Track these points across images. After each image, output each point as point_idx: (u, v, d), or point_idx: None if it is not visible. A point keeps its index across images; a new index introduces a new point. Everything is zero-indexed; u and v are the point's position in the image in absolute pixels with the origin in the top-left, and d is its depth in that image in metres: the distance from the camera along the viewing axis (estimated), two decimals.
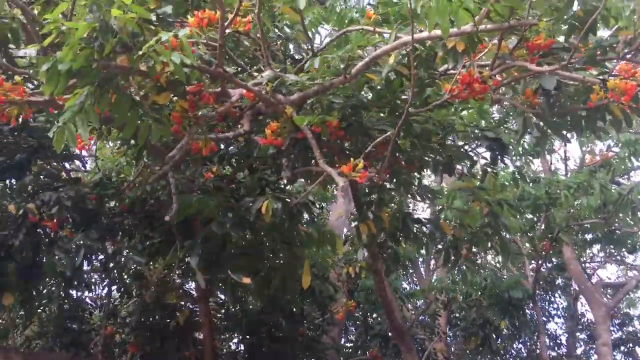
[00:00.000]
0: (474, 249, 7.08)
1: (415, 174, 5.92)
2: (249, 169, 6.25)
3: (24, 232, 5.75)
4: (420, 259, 14.81)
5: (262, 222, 4.83)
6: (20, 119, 4.36)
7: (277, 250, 5.70)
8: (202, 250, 4.88)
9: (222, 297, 8.75)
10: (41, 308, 7.75)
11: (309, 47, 5.79)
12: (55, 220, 5.80)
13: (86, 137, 3.74)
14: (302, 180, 6.33)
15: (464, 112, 6.56)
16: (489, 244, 6.60)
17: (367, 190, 6.29)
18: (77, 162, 7.66)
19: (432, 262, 15.52)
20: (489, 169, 6.30)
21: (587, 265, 17.49)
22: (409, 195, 6.40)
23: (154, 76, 3.76)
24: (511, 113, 8.70)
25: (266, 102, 4.42)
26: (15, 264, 5.94)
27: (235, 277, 4.77)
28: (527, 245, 12.96)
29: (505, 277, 12.94)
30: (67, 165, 7.25)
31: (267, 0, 5.25)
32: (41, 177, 6.46)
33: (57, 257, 5.65)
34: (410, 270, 15.09)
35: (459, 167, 6.52)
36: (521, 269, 13.77)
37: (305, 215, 6.24)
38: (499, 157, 6.07)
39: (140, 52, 3.42)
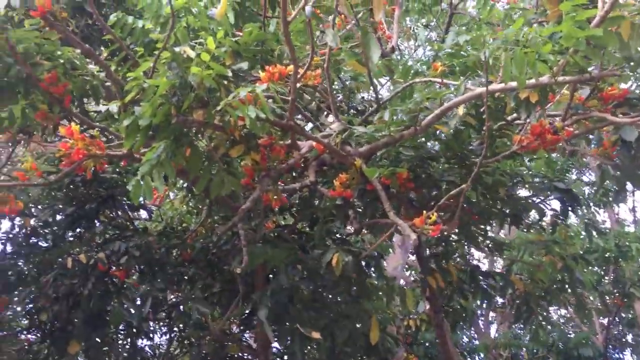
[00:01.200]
0: (541, 303, 6.78)
1: (483, 225, 5.76)
2: (311, 220, 6.24)
3: (93, 281, 5.85)
4: (479, 311, 14.32)
5: (331, 274, 4.77)
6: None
7: (344, 303, 5.60)
8: (270, 303, 4.83)
9: (278, 347, 8.61)
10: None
11: (373, 98, 5.82)
12: (123, 270, 5.88)
13: (162, 189, 3.83)
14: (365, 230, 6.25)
15: (532, 163, 6.41)
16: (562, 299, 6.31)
17: (431, 242, 6.16)
18: (143, 212, 7.82)
19: (492, 314, 14.99)
20: (559, 221, 6.09)
21: None
22: (476, 248, 6.23)
23: (228, 130, 3.83)
24: (572, 162, 8.44)
25: (336, 154, 4.43)
26: (83, 313, 6.03)
27: (304, 331, 4.70)
28: (592, 299, 12.37)
29: (570, 333, 12.35)
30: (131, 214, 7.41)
31: (333, 54, 5.33)
32: (109, 227, 6.61)
33: (125, 306, 5.71)
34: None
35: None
36: (587, 324, 13.13)
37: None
38: (570, 208, 5.87)
39: (218, 108, 3.49)
